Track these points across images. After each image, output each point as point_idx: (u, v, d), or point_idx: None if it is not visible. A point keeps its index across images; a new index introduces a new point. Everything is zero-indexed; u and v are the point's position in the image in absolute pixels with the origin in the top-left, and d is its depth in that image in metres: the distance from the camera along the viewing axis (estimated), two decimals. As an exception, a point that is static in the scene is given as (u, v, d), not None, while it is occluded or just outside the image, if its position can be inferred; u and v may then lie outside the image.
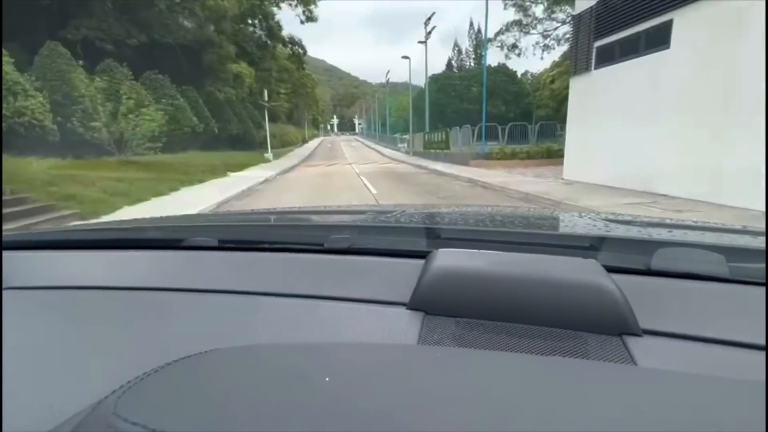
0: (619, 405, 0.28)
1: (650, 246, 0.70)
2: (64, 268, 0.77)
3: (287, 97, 56.98)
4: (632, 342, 0.47)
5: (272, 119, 46.84)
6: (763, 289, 0.58)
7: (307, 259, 0.76)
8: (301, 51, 33.29)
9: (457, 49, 78.32)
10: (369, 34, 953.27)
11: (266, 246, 0.82)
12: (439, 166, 16.69)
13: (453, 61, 79.71)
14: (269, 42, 27.67)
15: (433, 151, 21.50)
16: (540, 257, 0.59)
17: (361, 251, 0.76)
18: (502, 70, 57.59)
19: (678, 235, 0.87)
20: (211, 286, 0.65)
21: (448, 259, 0.58)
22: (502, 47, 33.86)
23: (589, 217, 1.07)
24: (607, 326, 0.48)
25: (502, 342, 0.47)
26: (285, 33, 29.93)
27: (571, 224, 1.07)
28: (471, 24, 77.52)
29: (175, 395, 0.29)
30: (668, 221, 1.07)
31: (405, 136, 32.95)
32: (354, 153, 33.12)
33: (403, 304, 0.56)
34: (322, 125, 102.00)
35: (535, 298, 0.51)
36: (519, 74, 62.24)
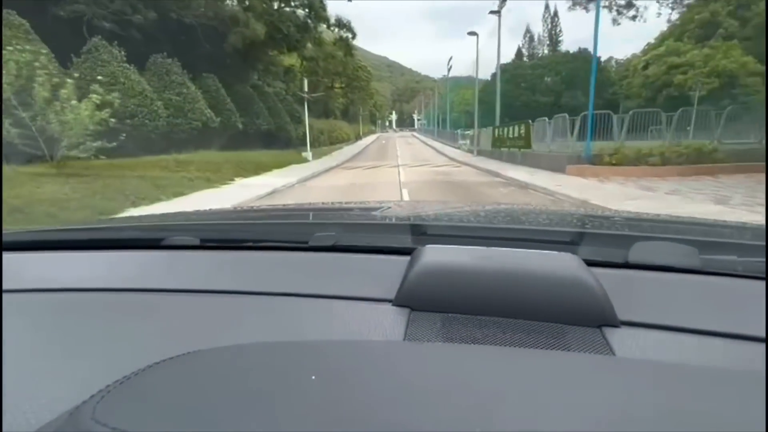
0: (599, 394, 0.29)
1: (628, 240, 0.71)
2: (40, 270, 0.75)
3: (342, 92, 53.67)
4: (611, 333, 0.48)
5: (324, 114, 43.53)
6: (733, 279, 0.61)
7: (292, 257, 0.75)
8: (350, 35, 29.15)
9: (528, 36, 70.69)
10: (431, 29, 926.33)
11: (250, 244, 0.81)
12: (520, 174, 11.44)
13: (523, 50, 72.29)
14: (310, 22, 23.78)
15: (506, 149, 16.32)
16: (523, 252, 0.60)
17: (347, 248, 0.76)
18: (582, 56, 49.96)
19: (654, 230, 0.91)
20: (193, 286, 0.64)
21: (433, 255, 0.59)
22: (610, 7, 27.10)
23: (570, 213, 1.15)
24: (587, 318, 0.50)
25: (486, 336, 0.48)
26: (332, 16, 25.99)
27: (553, 220, 1.06)
28: (546, 6, 69.26)
29: (156, 398, 0.28)
30: (645, 216, 1.12)
31: (467, 132, 27.88)
32: (408, 151, 28.49)
33: (389, 301, 0.56)
34: (379, 121, 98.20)
35: (518, 292, 0.52)
36: (602, 60, 54.46)
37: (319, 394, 0.27)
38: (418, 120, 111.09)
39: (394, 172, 14.01)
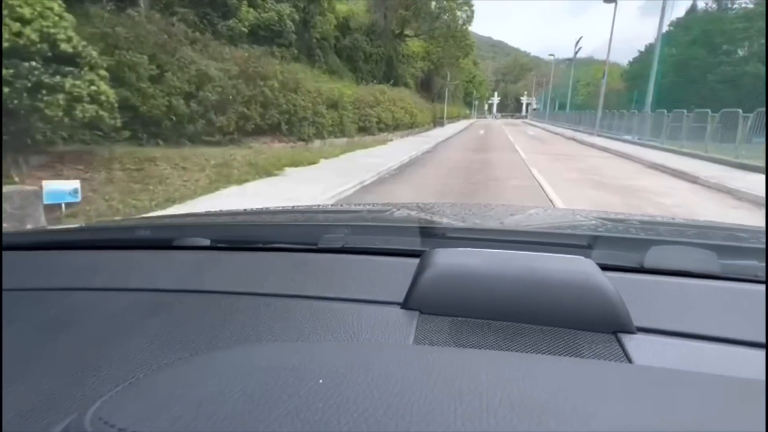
0: (615, 402, 0.28)
1: (644, 244, 0.70)
2: (50, 269, 0.75)
3: (423, 48, 34.20)
4: (626, 340, 0.48)
5: (386, 80, 25.18)
6: (754, 285, 0.60)
7: (301, 258, 0.75)
8: None
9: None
10: (543, 6, 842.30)
11: (259, 246, 0.81)
12: None
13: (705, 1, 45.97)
14: None
15: None
16: (535, 255, 0.58)
17: (356, 250, 0.76)
18: None
19: (671, 234, 0.88)
20: (203, 287, 0.65)
21: (442, 258, 0.58)
22: None
23: (584, 216, 1.09)
24: (602, 324, 0.49)
25: (497, 341, 0.48)
26: None
27: (566, 223, 1.04)
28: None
29: (164, 400, 0.28)
30: (661, 219, 1.14)
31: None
32: (575, 182, 8.97)
33: (398, 304, 0.56)
34: (476, 102, 75.99)
35: (530, 296, 0.51)
36: None
37: (327, 398, 0.27)
38: (529, 104, 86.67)
39: None
